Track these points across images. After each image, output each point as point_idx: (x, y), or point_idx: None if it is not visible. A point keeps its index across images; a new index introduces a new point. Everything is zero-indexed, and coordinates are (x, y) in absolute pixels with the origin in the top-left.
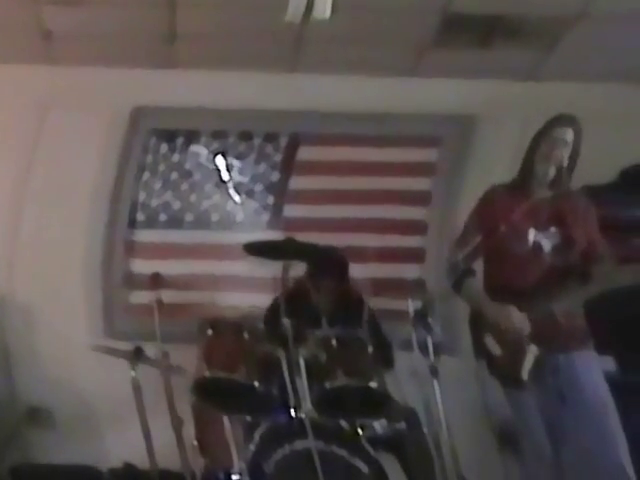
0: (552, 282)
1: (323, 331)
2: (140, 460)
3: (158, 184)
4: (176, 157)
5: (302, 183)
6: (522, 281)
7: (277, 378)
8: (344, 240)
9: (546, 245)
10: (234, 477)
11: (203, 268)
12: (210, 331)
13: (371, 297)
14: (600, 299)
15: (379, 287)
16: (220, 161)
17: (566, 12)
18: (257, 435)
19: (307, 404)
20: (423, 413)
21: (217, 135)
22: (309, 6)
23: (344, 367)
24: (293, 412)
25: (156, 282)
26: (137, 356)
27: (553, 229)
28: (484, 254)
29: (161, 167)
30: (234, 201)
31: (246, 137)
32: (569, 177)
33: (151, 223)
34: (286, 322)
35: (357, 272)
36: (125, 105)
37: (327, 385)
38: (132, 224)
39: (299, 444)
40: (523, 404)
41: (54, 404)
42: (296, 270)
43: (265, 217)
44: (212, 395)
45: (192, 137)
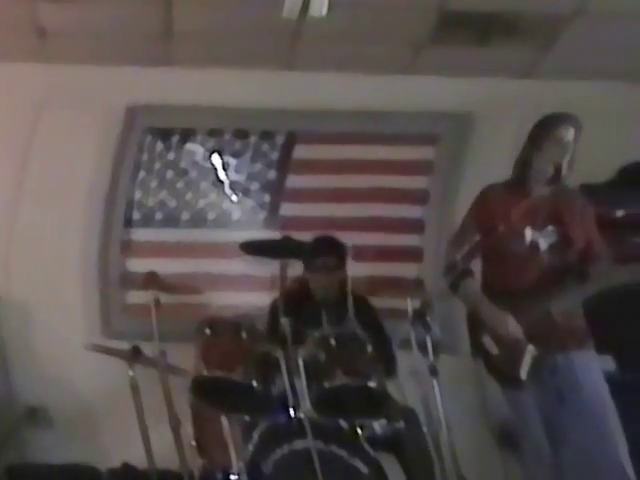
0: (550, 281)
1: (321, 330)
2: (138, 460)
3: (154, 183)
4: (172, 155)
5: (299, 181)
6: (520, 280)
7: (276, 378)
8: (341, 239)
9: (543, 244)
10: (232, 477)
11: (200, 267)
12: (208, 330)
13: (370, 296)
14: (599, 298)
15: (377, 286)
16: (216, 159)
17: (563, 10)
18: (256, 435)
19: (306, 404)
20: (422, 413)
21: (213, 133)
22: (305, 3)
23: (343, 367)
24: (292, 412)
25: (152, 281)
26: (135, 356)
27: (550, 228)
28: (482, 254)
29: (157, 165)
30: (230, 200)
31: (242, 135)
32: (569, 174)
33: (147, 222)
34: (284, 322)
35: (354, 271)
36: (120, 103)
37: (326, 385)
38: (128, 223)
39: (298, 444)
40: (522, 404)
41: (52, 404)
42: (294, 269)
43: (262, 216)
44: (210, 395)
45: (188, 135)
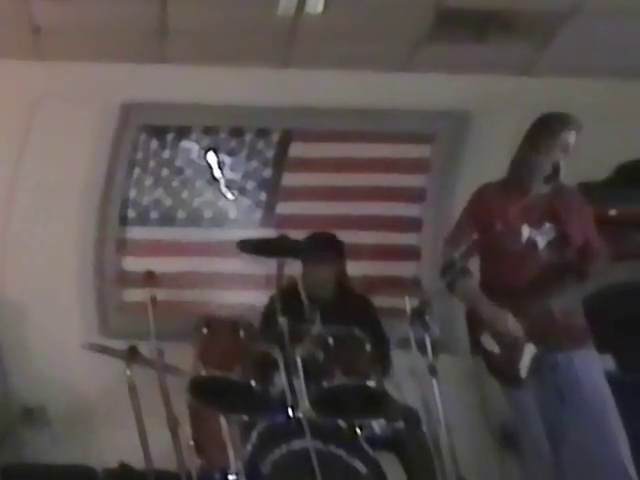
0: (548, 279)
1: (317, 329)
2: (135, 460)
3: (149, 181)
4: (167, 153)
5: (295, 180)
6: (518, 278)
7: (274, 377)
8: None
9: (541, 242)
10: (231, 477)
11: (196, 266)
12: (205, 330)
13: (367, 295)
14: (599, 297)
15: (374, 285)
16: (211, 157)
17: (560, 7)
18: (254, 435)
19: (305, 403)
20: (422, 412)
21: (208, 131)
22: (301, 1)
23: (342, 366)
24: (290, 411)
25: (149, 280)
26: (132, 355)
27: (548, 225)
28: (479, 252)
29: (151, 163)
30: (226, 198)
31: (238, 133)
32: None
33: (143, 220)
34: (282, 321)
35: (352, 270)
36: (115, 101)
37: (325, 384)
38: (123, 221)
39: (297, 444)
40: (522, 403)
41: (48, 404)
42: (290, 268)
43: (258, 214)
44: (209, 395)
45: (183, 133)
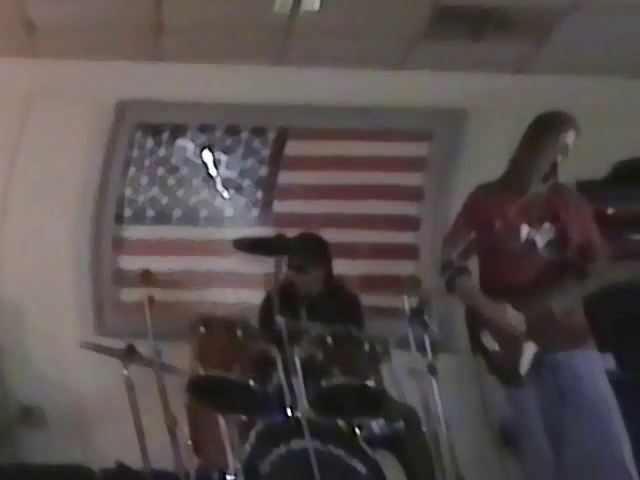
0: (548, 279)
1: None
2: (133, 460)
3: (144, 179)
4: (162, 152)
5: (291, 178)
6: (517, 278)
7: (272, 377)
8: (335, 236)
9: (540, 241)
10: (229, 477)
11: (193, 264)
12: (203, 329)
13: (364, 294)
14: (599, 296)
15: (372, 284)
16: (207, 156)
17: (557, 4)
18: (252, 435)
19: (303, 403)
20: (422, 412)
21: (204, 129)
22: None
23: (340, 365)
24: (289, 411)
25: (146, 279)
26: (130, 355)
27: (547, 224)
28: (478, 252)
29: (147, 162)
30: (222, 196)
31: (233, 131)
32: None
33: (139, 219)
34: (280, 320)
35: (348, 269)
36: (110, 99)
37: (323, 384)
38: (119, 220)
39: (295, 444)
40: (522, 402)
41: (46, 403)
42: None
43: (254, 213)
44: (207, 394)
45: (178, 131)
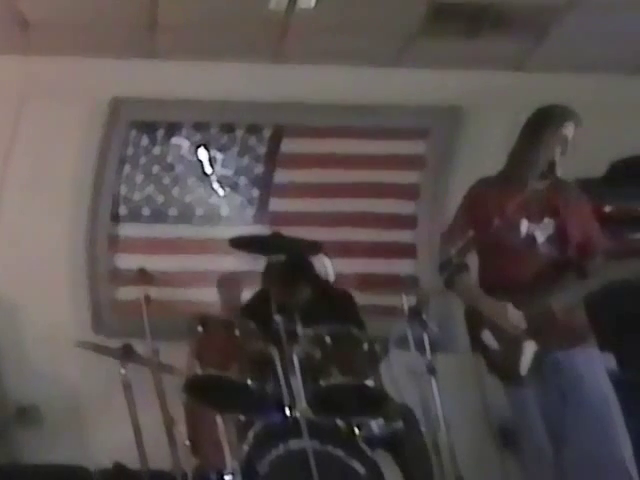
0: (549, 276)
1: (314, 329)
2: (130, 460)
3: (140, 177)
4: (157, 150)
5: (287, 176)
6: (517, 275)
7: (271, 376)
8: (332, 235)
9: (540, 237)
10: (227, 477)
11: (189, 263)
12: (200, 328)
13: (362, 293)
14: (600, 295)
15: (370, 283)
16: (202, 154)
17: (554, 1)
18: (251, 435)
19: (302, 403)
20: (421, 411)
21: (199, 127)
22: None
23: (339, 365)
24: (288, 411)
25: (143, 278)
26: (127, 354)
27: (547, 220)
28: (477, 249)
29: (142, 160)
30: (218, 195)
31: (229, 129)
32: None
33: (134, 217)
34: (278, 319)
35: (345, 267)
36: (105, 96)
37: (322, 383)
38: (115, 218)
39: (294, 444)
40: (522, 401)
41: (42, 403)
42: None
43: (251, 211)
44: (204, 394)
45: (173, 129)
